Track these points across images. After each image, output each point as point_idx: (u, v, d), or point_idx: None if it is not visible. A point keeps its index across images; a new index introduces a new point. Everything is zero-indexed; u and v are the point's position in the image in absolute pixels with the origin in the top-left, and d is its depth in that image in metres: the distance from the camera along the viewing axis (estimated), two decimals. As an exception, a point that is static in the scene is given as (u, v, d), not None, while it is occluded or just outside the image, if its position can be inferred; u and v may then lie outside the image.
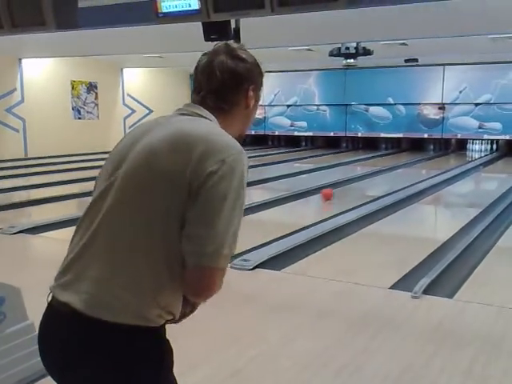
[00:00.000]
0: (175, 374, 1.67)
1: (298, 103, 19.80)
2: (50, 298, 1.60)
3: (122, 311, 1.49)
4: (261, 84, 1.81)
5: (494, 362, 3.58)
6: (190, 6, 6.46)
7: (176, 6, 6.57)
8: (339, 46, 11.70)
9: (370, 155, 17.44)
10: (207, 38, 6.62)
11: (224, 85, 1.70)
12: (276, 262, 5.55)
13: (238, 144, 1.61)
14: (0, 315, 2.93)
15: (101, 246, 1.54)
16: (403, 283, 5.02)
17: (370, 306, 4.55)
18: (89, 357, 1.48)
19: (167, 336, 1.65)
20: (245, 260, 5.38)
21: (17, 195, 9.86)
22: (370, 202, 9.07)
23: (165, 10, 6.68)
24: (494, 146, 17.93)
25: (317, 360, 3.56)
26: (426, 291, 4.75)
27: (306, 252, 6.00)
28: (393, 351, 3.72)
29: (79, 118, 17.53)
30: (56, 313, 1.55)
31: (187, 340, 3.69)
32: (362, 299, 4.68)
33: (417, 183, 11.19)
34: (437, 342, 3.85)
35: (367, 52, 11.76)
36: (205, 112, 1.69)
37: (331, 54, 12.05)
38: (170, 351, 1.62)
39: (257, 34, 7.56)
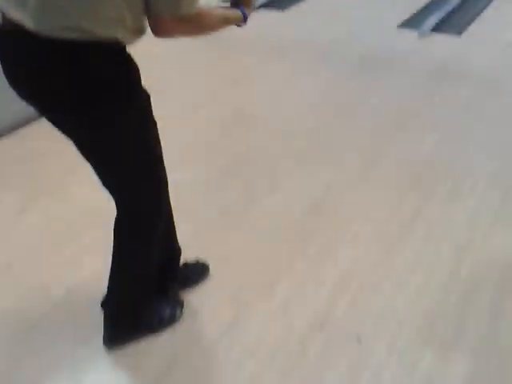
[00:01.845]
0: (177, 115, 1.65)
1: None
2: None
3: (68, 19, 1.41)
4: None
5: (492, 99, 3.67)
6: None
7: None
8: None
9: None
10: None
11: None
12: (278, 2, 5.33)
13: None
14: None
15: None
16: (410, 24, 4.90)
17: (376, 45, 4.51)
18: (50, 73, 1.46)
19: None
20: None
21: None
22: None
23: None
24: None
25: (318, 97, 3.66)
26: (434, 30, 4.68)
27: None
28: (394, 88, 3.79)
29: None
30: (11, 33, 1.49)
31: (186, 86, 3.75)
32: (370, 38, 4.61)
33: None
34: (439, 79, 3.91)
35: None
36: None
37: None
38: (136, 69, 1.58)
39: None
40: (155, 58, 3.59)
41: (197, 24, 1.58)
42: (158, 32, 1.53)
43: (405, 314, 2.05)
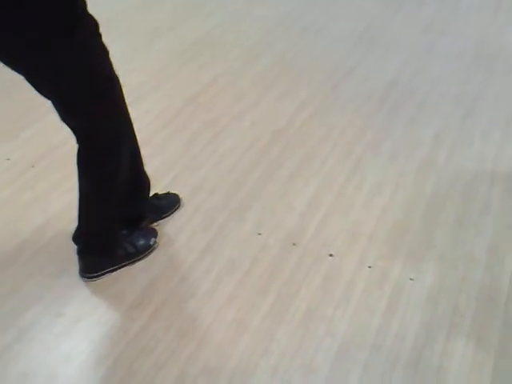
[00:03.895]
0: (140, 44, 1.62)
1: None
2: None
3: None
4: None
5: (454, 15, 3.68)
6: None
7: None
8: None
9: None
10: None
11: None
12: None
13: None
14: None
15: None
16: None
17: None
18: None
19: None
20: None
21: None
22: None
23: None
24: None
25: (283, 21, 3.61)
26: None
27: None
28: (354, 14, 3.76)
29: None
30: None
31: (142, 16, 3.64)
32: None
33: None
34: (398, 2, 3.88)
35: None
36: None
37: None
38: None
39: None
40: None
41: None
42: None
43: (374, 231, 2.11)
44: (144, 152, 1.95)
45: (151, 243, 2.03)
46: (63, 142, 2.52)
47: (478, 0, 3.90)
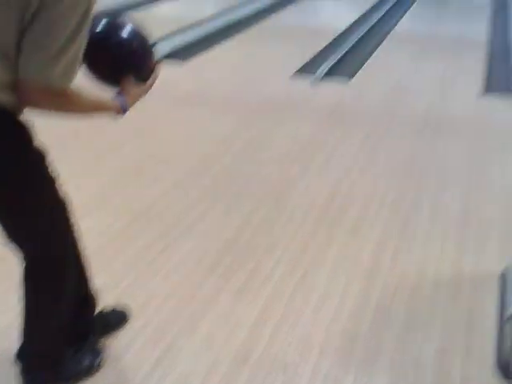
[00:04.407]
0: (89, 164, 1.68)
1: None
2: None
3: None
4: None
5: (384, 132, 3.95)
6: None
7: None
8: None
9: None
10: None
11: None
12: (177, 55, 5.49)
13: None
14: None
15: None
16: (304, 72, 5.19)
17: (272, 93, 4.72)
18: None
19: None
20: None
21: None
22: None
23: None
24: None
25: (220, 145, 3.77)
26: (326, 76, 4.98)
27: (208, 45, 5.94)
28: (293, 131, 3.98)
29: None
30: None
31: (92, 136, 3.74)
32: (264, 87, 4.83)
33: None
34: (334, 122, 4.15)
35: None
36: None
37: None
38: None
39: None
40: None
41: (65, 101, 1.52)
42: (23, 98, 1.47)
43: (324, 341, 2.11)
44: (91, 267, 1.93)
45: (98, 360, 1.96)
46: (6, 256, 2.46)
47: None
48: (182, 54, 5.58)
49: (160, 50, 5.41)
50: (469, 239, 2.77)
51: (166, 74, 4.42)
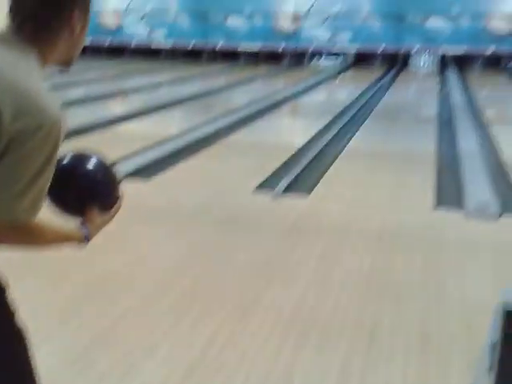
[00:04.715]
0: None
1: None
2: None
3: None
4: (89, 5, 1.57)
5: (343, 246, 4.07)
6: None
7: None
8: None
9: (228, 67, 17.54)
10: None
11: (42, 9, 1.48)
12: (143, 173, 5.64)
13: (56, 105, 1.45)
14: None
15: None
16: (264, 187, 5.37)
17: (236, 207, 4.85)
18: None
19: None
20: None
21: None
22: (230, 113, 9.29)
23: None
24: (345, 57, 18.66)
25: (184, 260, 3.81)
26: (286, 191, 5.17)
27: (172, 162, 6.13)
28: (254, 247, 4.06)
29: None
30: None
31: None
32: (226, 203, 4.96)
33: (274, 94, 11.58)
34: (295, 236, 4.26)
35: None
36: (20, 46, 1.48)
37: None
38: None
39: None
40: None
41: (29, 235, 1.50)
42: None
43: None
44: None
45: None
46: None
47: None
48: (147, 171, 5.74)
49: (125, 167, 5.57)
50: (432, 354, 2.81)
51: (131, 192, 4.54)
